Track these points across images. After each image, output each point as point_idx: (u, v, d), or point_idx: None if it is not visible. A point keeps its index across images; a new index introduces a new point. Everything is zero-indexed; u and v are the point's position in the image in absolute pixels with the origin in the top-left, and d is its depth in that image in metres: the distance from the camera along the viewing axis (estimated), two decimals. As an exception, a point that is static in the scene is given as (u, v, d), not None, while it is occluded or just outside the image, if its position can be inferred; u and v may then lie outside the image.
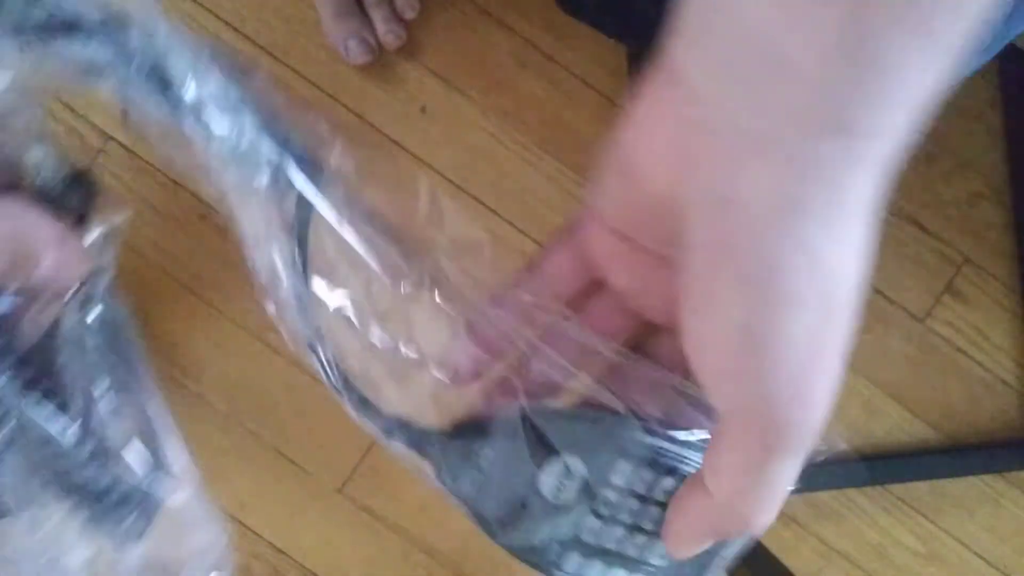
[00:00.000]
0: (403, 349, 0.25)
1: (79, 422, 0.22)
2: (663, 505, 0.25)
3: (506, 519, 0.25)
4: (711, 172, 0.19)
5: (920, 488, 0.82)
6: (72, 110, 0.77)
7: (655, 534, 0.25)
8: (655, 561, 0.25)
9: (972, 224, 0.81)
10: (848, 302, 0.19)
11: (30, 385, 0.21)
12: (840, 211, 0.18)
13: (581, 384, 0.25)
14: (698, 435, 0.25)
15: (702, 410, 0.24)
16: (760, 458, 0.20)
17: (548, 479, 0.24)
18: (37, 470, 0.21)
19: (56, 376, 0.22)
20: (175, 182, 0.78)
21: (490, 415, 0.25)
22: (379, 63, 0.78)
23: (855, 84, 0.17)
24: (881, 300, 0.81)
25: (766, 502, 0.21)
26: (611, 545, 0.25)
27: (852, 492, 0.82)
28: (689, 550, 0.24)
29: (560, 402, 0.25)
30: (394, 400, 0.25)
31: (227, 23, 0.78)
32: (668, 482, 0.24)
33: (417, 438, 0.25)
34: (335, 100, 0.78)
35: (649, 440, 0.24)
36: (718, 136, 0.19)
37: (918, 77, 0.17)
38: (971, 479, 0.82)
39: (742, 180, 0.18)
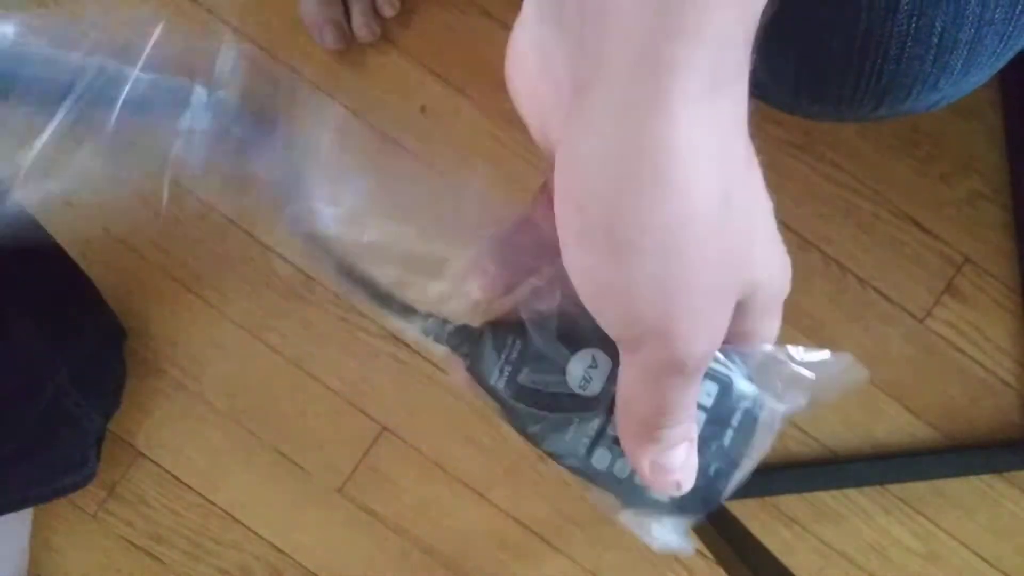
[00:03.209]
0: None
1: None
2: None
3: (536, 413, 0.25)
4: (553, 123, 0.19)
5: (920, 488, 0.82)
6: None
7: None
8: None
9: (972, 224, 0.81)
10: (696, 242, 0.19)
11: None
12: (671, 161, 0.17)
13: None
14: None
15: None
16: (641, 379, 0.21)
17: (575, 368, 0.25)
18: None
19: None
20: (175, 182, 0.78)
21: (525, 315, 0.26)
22: (378, 63, 0.78)
23: (671, 28, 0.16)
24: (881, 300, 0.81)
25: (659, 414, 0.22)
26: None
27: (852, 492, 0.82)
28: (631, 451, 0.24)
29: None
30: (431, 306, 0.27)
31: (226, 22, 0.78)
32: None
33: (454, 335, 0.26)
34: (334, 99, 0.78)
35: None
36: (559, 86, 0.19)
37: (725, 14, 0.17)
38: (971, 479, 0.82)
39: (577, 130, 0.18)
